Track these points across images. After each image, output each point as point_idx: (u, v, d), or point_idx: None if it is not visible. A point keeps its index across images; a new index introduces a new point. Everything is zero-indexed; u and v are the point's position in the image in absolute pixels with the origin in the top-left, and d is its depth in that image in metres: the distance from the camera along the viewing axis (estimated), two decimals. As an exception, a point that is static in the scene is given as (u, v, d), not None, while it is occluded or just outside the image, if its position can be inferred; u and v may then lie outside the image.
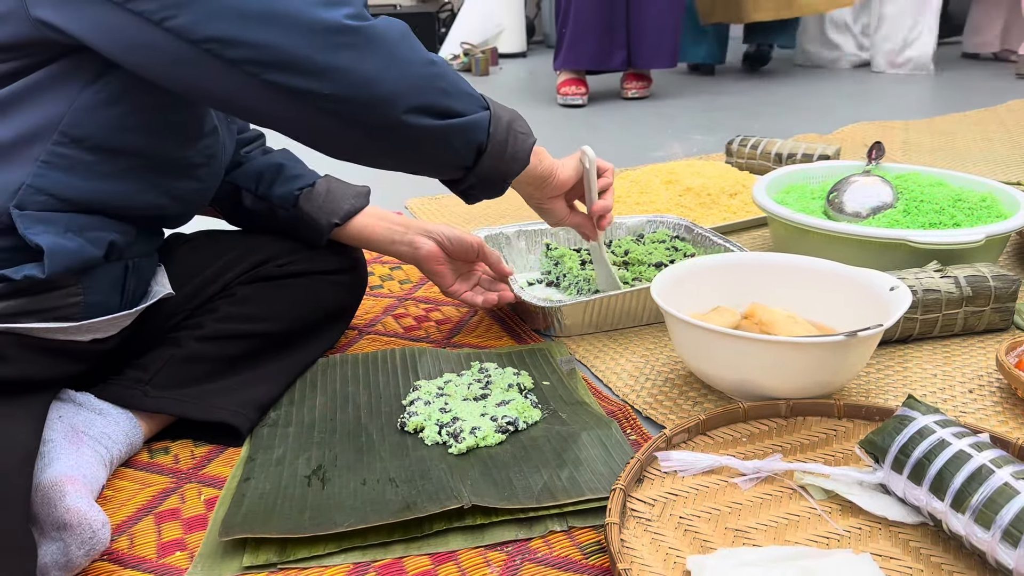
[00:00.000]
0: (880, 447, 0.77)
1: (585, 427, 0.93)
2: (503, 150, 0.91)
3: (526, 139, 0.94)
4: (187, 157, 0.91)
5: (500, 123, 0.90)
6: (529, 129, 0.95)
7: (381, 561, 0.76)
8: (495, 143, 0.89)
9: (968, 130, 2.36)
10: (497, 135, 0.89)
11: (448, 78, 0.84)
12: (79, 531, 0.72)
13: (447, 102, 0.84)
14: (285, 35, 0.75)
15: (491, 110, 0.89)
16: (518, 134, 0.92)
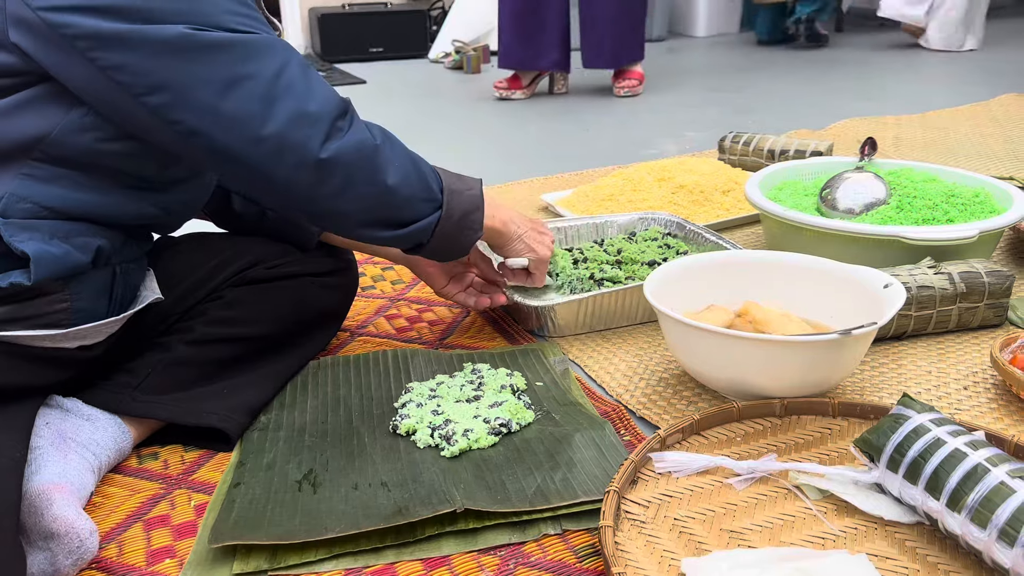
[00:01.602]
0: (875, 446, 0.77)
1: (579, 428, 0.92)
2: (444, 245, 0.95)
3: (472, 234, 0.96)
4: (172, 174, 0.90)
5: (449, 221, 0.92)
6: (480, 222, 0.97)
7: (373, 567, 0.75)
8: (437, 239, 0.93)
9: (960, 125, 2.36)
10: (443, 231, 0.92)
11: (400, 195, 0.87)
12: (67, 540, 0.72)
13: (397, 216, 0.89)
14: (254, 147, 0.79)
15: (443, 212, 0.91)
16: (465, 230, 0.95)
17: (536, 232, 1.09)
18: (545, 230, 1.12)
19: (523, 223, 1.07)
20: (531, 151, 2.32)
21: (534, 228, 1.09)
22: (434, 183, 0.91)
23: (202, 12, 0.77)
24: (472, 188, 0.96)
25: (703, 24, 4.51)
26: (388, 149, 0.87)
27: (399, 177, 0.86)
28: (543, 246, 1.09)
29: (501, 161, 2.22)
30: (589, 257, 1.28)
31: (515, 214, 1.06)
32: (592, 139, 2.44)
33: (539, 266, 1.11)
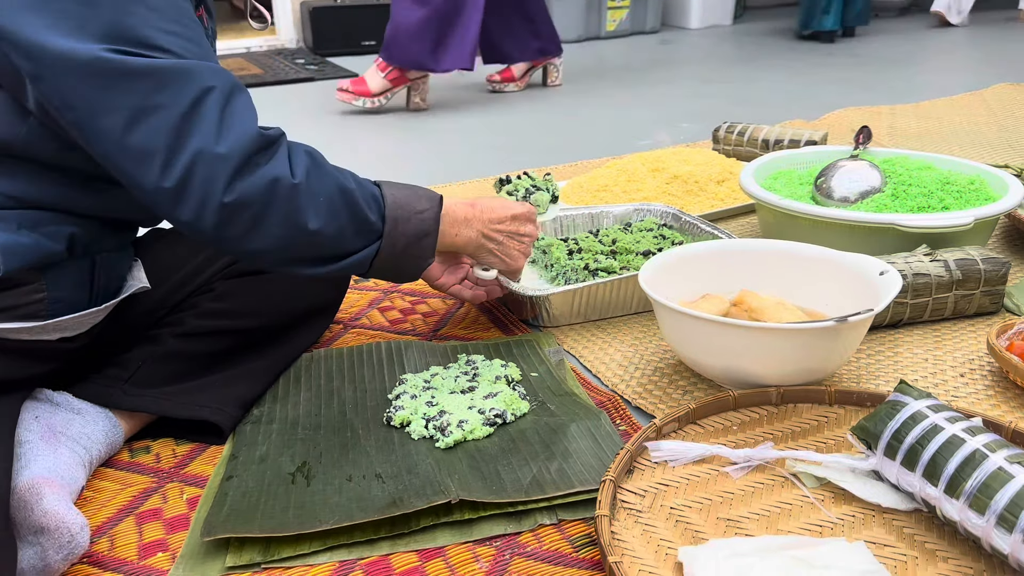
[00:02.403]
0: (872, 433, 0.76)
1: (574, 418, 0.92)
2: (388, 274, 0.91)
3: (420, 261, 0.91)
4: None
5: (392, 251, 0.87)
6: (432, 247, 0.91)
7: (367, 559, 0.74)
8: (379, 270, 0.89)
9: (954, 114, 2.36)
10: (385, 261, 0.88)
11: (325, 234, 0.81)
12: (57, 535, 0.71)
13: (323, 253, 0.83)
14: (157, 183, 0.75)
15: (383, 242, 0.86)
16: (412, 258, 0.90)
17: (513, 239, 1.03)
18: (527, 230, 1.05)
19: (498, 231, 1.01)
20: (525, 142, 2.31)
21: (511, 235, 1.02)
22: (372, 212, 0.85)
23: (127, 26, 0.73)
24: (424, 211, 0.89)
25: (696, 16, 4.49)
26: (311, 185, 0.80)
27: (324, 215, 0.80)
28: (517, 254, 1.04)
29: (495, 152, 2.21)
30: (584, 247, 1.27)
31: (486, 223, 0.99)
32: (586, 130, 2.43)
33: (511, 276, 1.08)
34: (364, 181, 0.87)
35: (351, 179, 0.85)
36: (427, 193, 0.92)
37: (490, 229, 0.99)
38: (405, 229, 0.87)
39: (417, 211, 0.89)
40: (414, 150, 2.27)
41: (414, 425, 0.91)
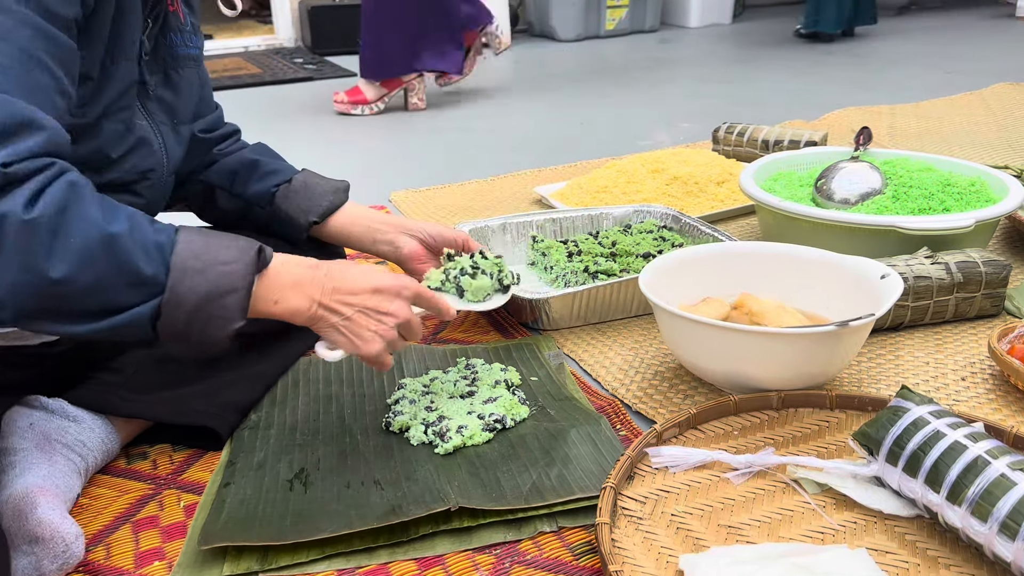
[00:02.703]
0: (874, 439, 0.76)
1: (574, 423, 0.91)
2: (184, 340, 0.72)
3: (223, 323, 0.72)
4: (114, 178, 0.86)
5: (179, 310, 0.70)
6: (238, 307, 0.73)
7: (366, 567, 0.74)
8: (168, 332, 0.71)
9: (954, 114, 2.35)
10: (171, 323, 0.70)
11: (78, 285, 0.66)
12: (52, 544, 0.70)
13: (77, 307, 0.68)
14: None
15: (164, 298, 0.69)
16: (211, 318, 0.71)
17: (367, 317, 0.81)
18: (391, 308, 0.81)
19: (346, 303, 0.80)
20: (524, 142, 2.31)
21: (365, 311, 0.80)
22: (148, 262, 0.68)
23: None
24: (229, 263, 0.72)
25: (696, 15, 4.49)
26: (60, 224, 0.65)
27: (75, 261, 0.65)
28: (371, 335, 0.80)
29: (494, 153, 2.20)
30: (584, 250, 1.27)
31: (329, 292, 0.79)
32: (585, 130, 2.43)
33: (366, 361, 0.82)
34: (152, 225, 0.71)
35: (127, 221, 0.69)
36: (243, 243, 0.74)
37: (333, 300, 0.79)
38: (197, 283, 0.70)
39: (220, 262, 0.72)
40: (413, 149, 2.27)
41: (413, 431, 0.91)
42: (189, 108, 0.99)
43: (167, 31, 0.92)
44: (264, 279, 0.76)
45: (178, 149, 0.97)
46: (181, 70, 0.95)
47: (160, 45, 0.92)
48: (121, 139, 0.87)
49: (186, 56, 0.96)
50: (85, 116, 0.81)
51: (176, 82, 0.95)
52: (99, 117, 0.83)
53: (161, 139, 0.93)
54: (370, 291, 0.81)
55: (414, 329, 0.84)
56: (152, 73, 0.91)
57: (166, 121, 0.94)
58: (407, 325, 0.83)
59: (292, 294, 0.77)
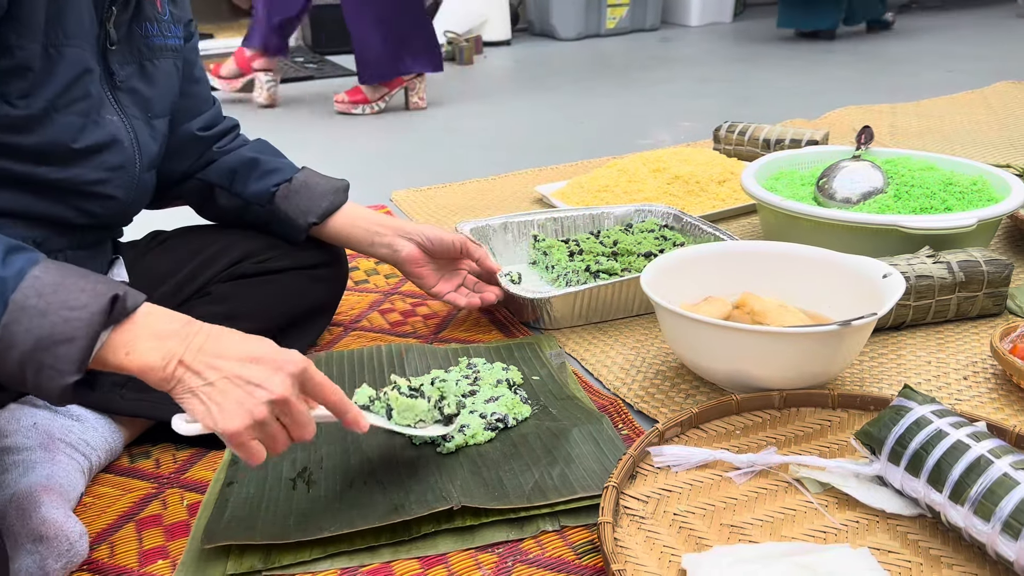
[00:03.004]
0: (876, 438, 0.76)
1: (576, 423, 0.91)
2: (20, 381, 0.64)
3: (55, 376, 0.62)
4: (79, 174, 0.83)
5: (9, 353, 0.62)
6: (74, 359, 0.62)
7: (369, 566, 0.74)
8: (3, 375, 0.63)
9: (956, 113, 2.35)
10: (3, 366, 0.63)
11: None
12: (56, 543, 0.70)
13: None
14: None
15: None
16: (43, 369, 0.62)
17: (236, 386, 0.67)
18: (264, 381, 0.67)
19: (212, 367, 0.67)
20: (525, 142, 2.31)
21: (235, 379, 0.67)
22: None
23: None
24: (76, 309, 0.63)
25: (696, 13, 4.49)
26: None
27: None
28: (234, 407, 0.66)
29: (495, 152, 2.20)
30: (585, 249, 1.27)
31: (197, 351, 0.67)
32: (586, 129, 2.43)
33: (232, 444, 0.68)
34: (4, 258, 0.63)
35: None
36: (101, 288, 0.65)
37: (197, 360, 0.67)
38: (33, 326, 0.62)
39: (66, 306, 0.63)
40: (414, 149, 2.27)
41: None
42: (165, 100, 0.95)
43: (141, 20, 0.89)
44: (120, 330, 0.65)
45: (152, 144, 0.93)
46: (157, 61, 0.92)
47: (133, 35, 0.89)
48: (82, 131, 0.82)
49: (163, 47, 0.93)
50: (29, 108, 0.77)
51: (151, 73, 0.91)
52: (46, 109, 0.78)
53: (133, 134, 0.89)
54: (245, 358, 0.68)
55: (297, 417, 0.69)
56: (124, 64, 0.88)
57: (139, 115, 0.90)
58: (287, 407, 0.68)
59: (148, 347, 0.65)
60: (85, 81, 0.82)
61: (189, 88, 1.02)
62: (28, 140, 0.77)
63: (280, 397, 0.67)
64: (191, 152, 1.05)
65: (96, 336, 0.63)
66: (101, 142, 0.84)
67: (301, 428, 0.70)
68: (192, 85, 1.02)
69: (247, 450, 0.67)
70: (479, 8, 3.92)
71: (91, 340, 0.63)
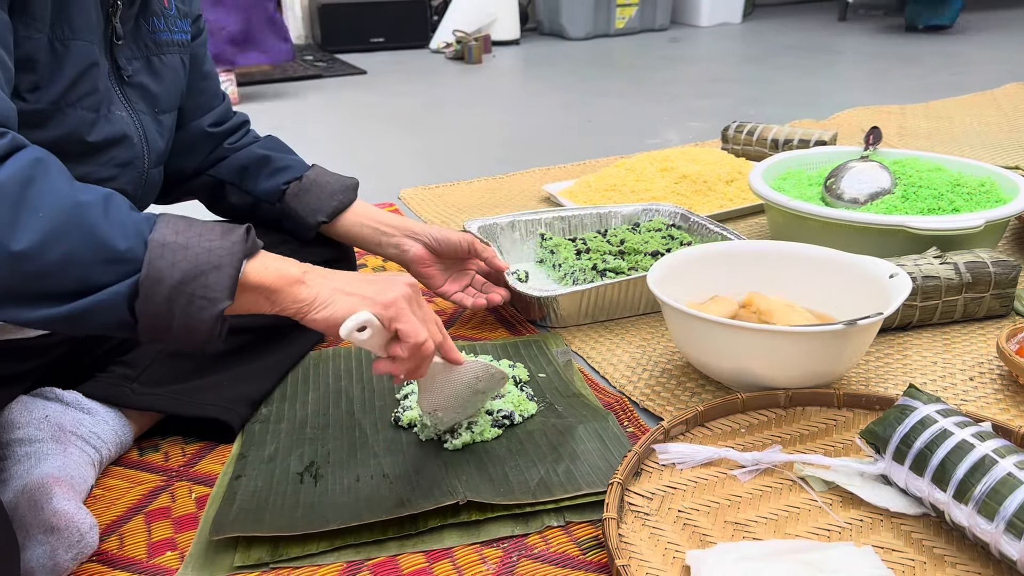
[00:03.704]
0: (881, 437, 0.76)
1: (582, 420, 0.92)
2: (166, 322, 0.65)
3: (206, 305, 0.65)
4: (90, 172, 0.83)
5: (158, 288, 0.64)
6: (225, 286, 0.66)
7: (375, 559, 0.74)
8: (149, 316, 0.65)
9: (965, 114, 2.35)
10: (152, 304, 0.64)
11: (45, 260, 0.61)
12: (66, 534, 0.71)
13: (44, 287, 0.62)
14: None
15: (142, 275, 0.64)
16: (194, 299, 0.65)
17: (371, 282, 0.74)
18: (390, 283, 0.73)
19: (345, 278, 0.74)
20: (533, 141, 2.31)
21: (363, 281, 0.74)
22: (124, 237, 0.63)
23: None
24: (215, 240, 0.66)
25: (706, 13, 4.49)
26: (24, 196, 0.61)
27: (41, 234, 0.60)
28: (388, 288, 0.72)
29: (503, 151, 2.21)
30: (592, 247, 1.27)
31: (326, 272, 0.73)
32: (594, 129, 2.43)
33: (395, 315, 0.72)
34: (131, 207, 0.67)
35: (102, 195, 0.65)
36: (231, 225, 0.70)
37: (329, 274, 0.74)
38: (178, 259, 0.64)
39: (207, 238, 0.66)
40: (422, 147, 2.27)
41: (422, 425, 0.91)
42: (173, 96, 0.96)
43: (148, 15, 0.90)
44: (252, 261, 0.69)
45: (160, 140, 0.94)
46: (164, 56, 0.93)
47: (140, 30, 0.89)
48: (94, 125, 0.82)
49: (169, 42, 0.93)
50: (39, 102, 0.77)
51: (159, 69, 0.92)
52: (58, 103, 0.78)
53: (142, 130, 0.90)
54: (358, 275, 0.75)
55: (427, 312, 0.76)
56: (131, 59, 0.88)
57: (146, 110, 0.91)
58: (420, 301, 0.75)
59: (281, 264, 0.71)
60: (93, 75, 0.82)
61: (198, 84, 1.02)
62: (44, 135, 0.78)
63: (409, 285, 0.74)
64: (202, 148, 1.05)
65: (240, 262, 0.67)
66: (112, 137, 0.85)
67: (432, 325, 0.76)
68: (201, 81, 1.03)
69: (410, 321, 0.72)
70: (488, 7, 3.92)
71: (237, 266, 0.66)
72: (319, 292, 0.71)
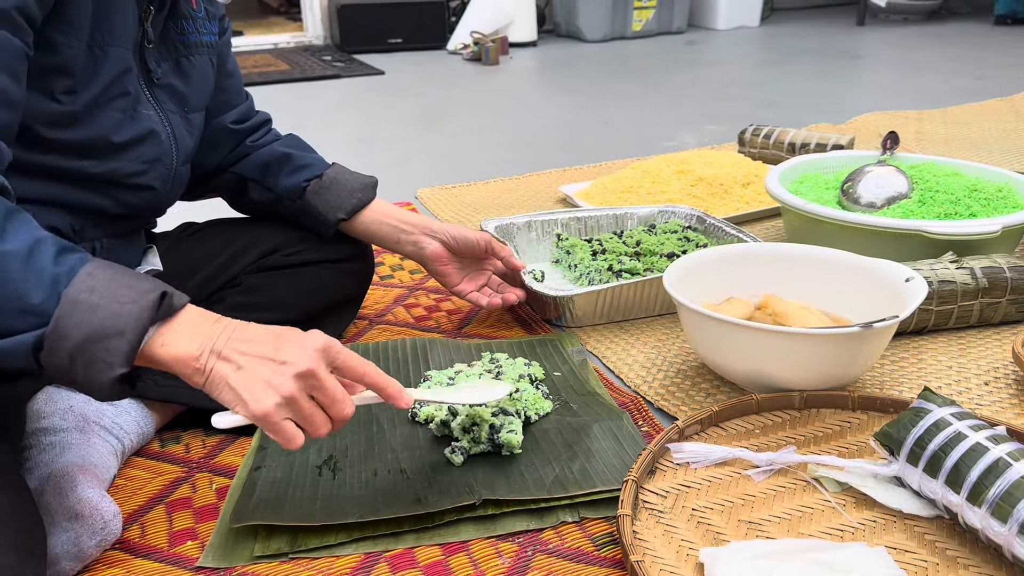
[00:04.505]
0: (895, 439, 0.76)
1: (597, 418, 0.93)
2: (70, 376, 0.65)
3: (104, 369, 0.64)
4: (118, 167, 0.86)
5: (62, 343, 0.63)
6: (122, 352, 0.64)
7: (392, 551, 0.75)
8: (56, 367, 0.64)
9: (983, 120, 2.34)
10: (57, 357, 0.64)
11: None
12: (91, 521, 0.73)
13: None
14: None
15: (48, 330, 0.63)
16: (93, 362, 0.64)
17: (265, 363, 0.68)
18: (288, 358, 0.68)
19: (244, 352, 0.68)
20: (549, 143, 2.32)
21: (263, 358, 0.68)
22: (39, 291, 0.63)
23: None
24: (126, 304, 0.65)
25: (724, 17, 4.48)
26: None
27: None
28: (261, 386, 0.67)
29: (519, 152, 2.22)
30: (608, 248, 1.28)
31: (228, 340, 0.69)
32: (611, 131, 2.44)
33: (265, 427, 0.68)
34: (58, 255, 0.65)
35: (28, 243, 0.64)
36: (148, 286, 0.67)
37: (228, 347, 0.68)
38: (84, 320, 0.63)
39: (117, 302, 0.65)
40: (440, 147, 2.29)
41: (438, 421, 0.92)
42: (202, 96, 0.98)
43: (177, 18, 0.91)
44: (163, 327, 0.67)
45: (188, 139, 0.95)
46: (193, 57, 0.94)
47: (169, 32, 0.91)
48: (121, 126, 0.85)
49: (198, 43, 0.95)
50: (75, 104, 0.79)
51: (187, 70, 0.94)
52: (90, 106, 0.81)
53: (170, 128, 0.91)
54: (272, 337, 0.70)
55: (330, 391, 0.69)
56: (160, 61, 0.90)
57: (175, 109, 0.92)
58: (317, 381, 0.68)
59: (184, 339, 0.67)
60: (125, 80, 0.84)
61: (222, 82, 1.04)
62: (72, 135, 0.80)
63: (307, 370, 0.68)
64: (225, 145, 1.07)
65: (144, 330, 0.65)
66: (138, 135, 0.87)
67: (336, 404, 0.70)
68: (225, 79, 1.05)
69: (282, 432, 0.68)
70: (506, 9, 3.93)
71: (140, 334, 0.65)
72: (210, 379, 0.68)
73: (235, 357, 0.68)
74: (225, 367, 0.67)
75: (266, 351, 0.68)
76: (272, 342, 0.69)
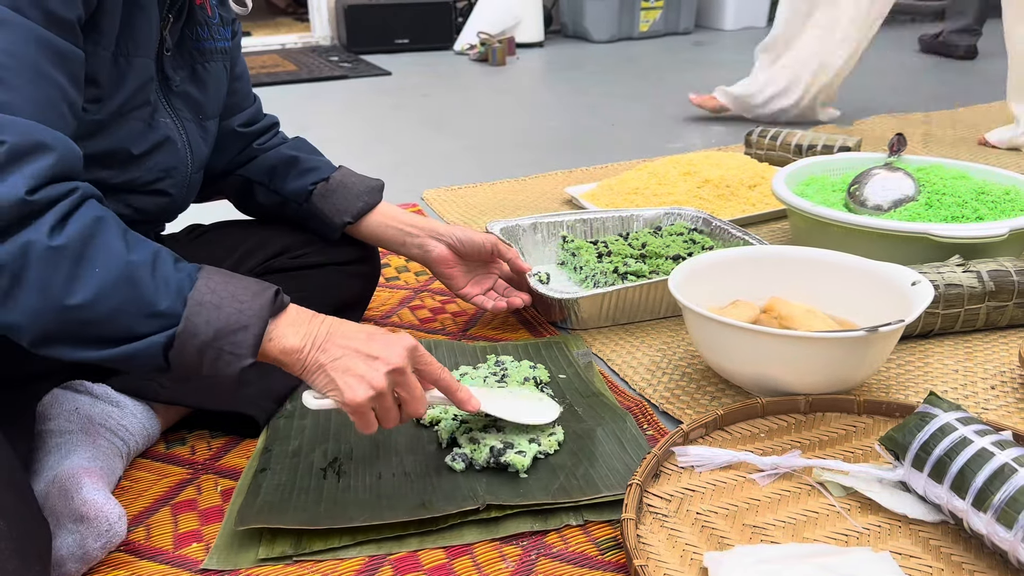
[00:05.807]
0: (901, 444, 0.76)
1: (601, 422, 0.93)
2: (195, 367, 0.72)
3: (232, 360, 0.72)
4: (136, 176, 0.87)
5: (193, 340, 0.70)
6: (249, 344, 0.72)
7: (396, 554, 0.76)
8: (180, 363, 0.72)
9: (990, 122, 2.33)
10: (184, 354, 0.71)
11: (96, 311, 0.67)
12: (96, 523, 0.73)
13: (93, 333, 0.69)
14: None
15: (179, 329, 0.70)
16: (221, 354, 0.72)
17: (360, 358, 0.76)
18: (381, 354, 0.76)
19: (341, 346, 0.76)
20: (556, 143, 2.32)
21: (359, 353, 0.76)
22: (164, 295, 0.70)
23: None
24: (246, 302, 0.73)
25: (731, 17, 4.47)
26: (83, 252, 0.67)
27: (94, 289, 0.67)
28: (355, 381, 0.75)
29: (525, 153, 2.22)
30: (613, 251, 1.28)
31: (328, 335, 0.77)
32: (617, 132, 2.44)
33: (353, 414, 0.77)
34: (175, 264, 0.73)
35: (151, 255, 0.71)
36: (257, 287, 0.75)
37: (329, 341, 0.76)
38: (211, 318, 0.71)
39: (238, 300, 0.73)
40: (445, 148, 2.29)
41: (443, 424, 0.92)
42: (216, 102, 0.99)
43: (192, 25, 0.92)
44: (275, 321, 0.75)
45: (203, 146, 0.96)
46: (208, 64, 0.95)
47: (185, 39, 0.91)
48: (141, 136, 0.86)
49: (213, 49, 0.95)
50: (99, 114, 0.80)
51: (203, 77, 0.94)
52: (115, 115, 0.82)
53: (186, 136, 0.92)
54: (364, 336, 0.78)
55: (412, 390, 0.78)
56: (177, 68, 0.91)
57: (191, 117, 0.93)
58: (404, 379, 0.77)
59: (289, 332, 0.75)
60: (147, 89, 0.85)
61: (231, 85, 1.04)
62: (95, 146, 0.80)
63: (397, 367, 0.76)
64: (232, 148, 1.07)
65: (265, 324, 0.74)
66: (155, 144, 0.88)
67: (415, 401, 0.79)
68: (234, 82, 1.05)
69: (364, 419, 0.77)
70: (512, 9, 3.93)
71: (262, 327, 0.73)
72: (308, 368, 0.76)
73: (333, 350, 0.76)
74: (325, 356, 0.76)
75: (360, 346, 0.77)
76: (365, 339, 0.77)
